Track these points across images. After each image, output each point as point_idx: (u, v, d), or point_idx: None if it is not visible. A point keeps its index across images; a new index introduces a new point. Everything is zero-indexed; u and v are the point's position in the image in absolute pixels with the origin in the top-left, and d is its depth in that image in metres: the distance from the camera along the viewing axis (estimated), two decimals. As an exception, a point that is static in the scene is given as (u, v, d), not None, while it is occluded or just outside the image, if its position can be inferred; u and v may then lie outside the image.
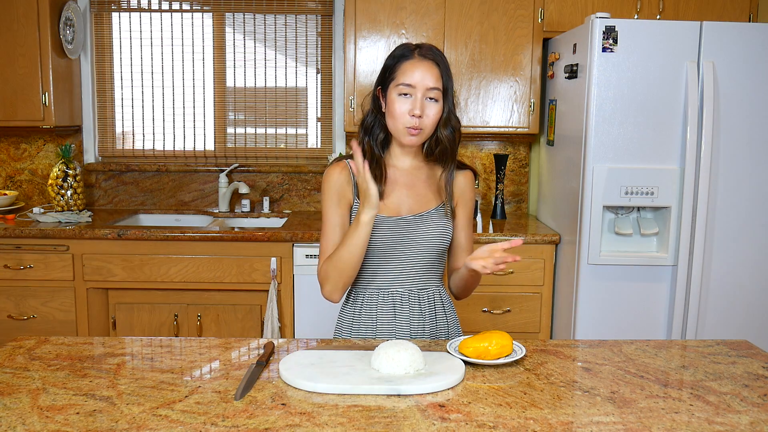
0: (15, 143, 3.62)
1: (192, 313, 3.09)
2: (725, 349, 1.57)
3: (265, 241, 3.00)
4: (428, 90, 1.57)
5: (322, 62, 3.62)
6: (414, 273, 1.68)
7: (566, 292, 2.92)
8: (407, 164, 1.69)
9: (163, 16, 3.58)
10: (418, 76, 1.56)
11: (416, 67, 1.57)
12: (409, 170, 1.69)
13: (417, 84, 1.56)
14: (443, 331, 1.74)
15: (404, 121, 1.57)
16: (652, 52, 2.64)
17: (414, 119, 1.57)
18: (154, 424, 1.14)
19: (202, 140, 3.67)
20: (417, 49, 1.61)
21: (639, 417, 1.20)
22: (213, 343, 1.57)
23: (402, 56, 1.60)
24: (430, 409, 1.22)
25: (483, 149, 3.64)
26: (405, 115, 1.57)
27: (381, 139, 1.67)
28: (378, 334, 1.69)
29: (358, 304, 1.71)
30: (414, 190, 1.68)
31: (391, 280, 1.68)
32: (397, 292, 1.68)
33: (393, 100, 1.58)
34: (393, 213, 1.65)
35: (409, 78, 1.57)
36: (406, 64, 1.58)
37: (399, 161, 1.69)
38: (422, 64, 1.58)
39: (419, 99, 1.57)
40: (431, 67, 1.58)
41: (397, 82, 1.58)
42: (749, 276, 2.78)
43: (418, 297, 1.70)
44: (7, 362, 1.42)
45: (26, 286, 3.04)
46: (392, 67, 1.60)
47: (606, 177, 2.70)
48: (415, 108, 1.56)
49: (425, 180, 1.69)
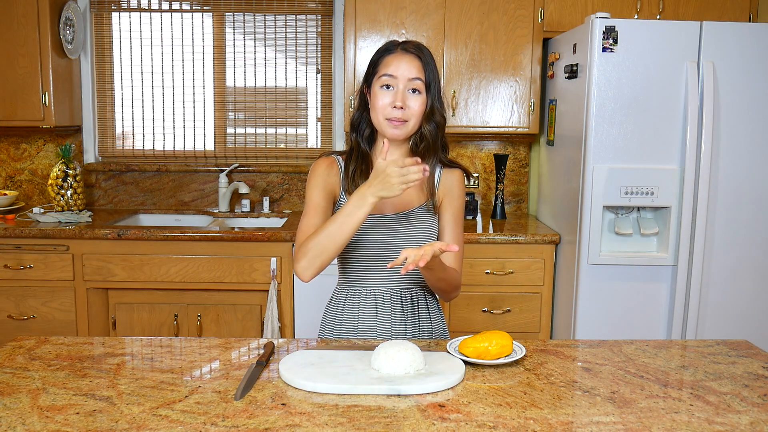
0: (15, 143, 3.62)
1: (192, 313, 3.09)
2: (725, 349, 1.57)
3: (265, 241, 3.00)
4: (409, 81, 1.57)
5: (322, 62, 3.62)
6: (396, 271, 1.67)
7: (566, 292, 2.92)
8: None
9: (163, 16, 3.58)
10: (399, 68, 1.57)
11: (398, 59, 1.58)
12: None
13: (398, 75, 1.57)
14: (426, 333, 1.72)
15: (386, 113, 1.57)
16: (652, 52, 2.64)
17: (396, 111, 1.56)
18: (154, 424, 1.14)
19: (202, 140, 3.67)
20: (401, 44, 1.62)
21: (639, 417, 1.20)
22: (213, 343, 1.57)
23: (385, 50, 1.62)
24: (430, 409, 1.22)
25: (483, 149, 3.64)
26: (387, 107, 1.57)
27: (367, 135, 1.67)
28: (360, 323, 1.67)
29: (340, 303, 1.71)
30: None
31: (374, 278, 1.67)
32: (380, 289, 1.68)
33: (375, 93, 1.59)
34: (377, 210, 1.63)
35: (390, 69, 1.57)
36: (389, 58, 1.59)
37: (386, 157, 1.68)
38: (404, 57, 1.59)
39: (401, 90, 1.57)
40: (412, 59, 1.59)
41: (379, 74, 1.59)
42: (749, 276, 2.78)
43: (400, 295, 1.68)
44: (7, 362, 1.42)
45: (26, 286, 3.04)
46: (376, 62, 1.62)
47: (606, 177, 2.70)
48: (397, 99, 1.56)
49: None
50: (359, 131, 1.68)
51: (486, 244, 3.02)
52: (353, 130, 1.69)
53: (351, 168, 1.66)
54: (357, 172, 1.65)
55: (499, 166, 3.46)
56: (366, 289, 1.68)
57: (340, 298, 1.72)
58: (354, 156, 1.67)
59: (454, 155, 3.62)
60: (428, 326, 1.73)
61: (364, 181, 1.55)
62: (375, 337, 1.67)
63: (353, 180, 1.64)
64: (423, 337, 1.71)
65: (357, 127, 1.68)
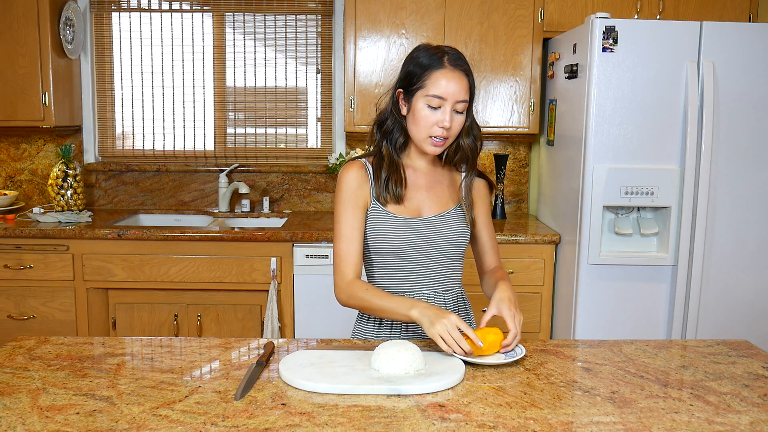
0: (15, 143, 3.62)
1: (192, 313, 3.09)
2: (725, 349, 1.57)
3: (265, 241, 3.00)
4: (457, 102, 1.54)
5: (322, 62, 3.62)
6: (437, 273, 1.67)
7: (566, 292, 2.92)
8: (425, 166, 1.68)
9: (163, 16, 3.58)
10: (450, 88, 1.52)
11: (448, 79, 1.52)
12: (427, 171, 1.68)
13: (448, 96, 1.52)
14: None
15: (431, 131, 1.55)
16: (652, 52, 2.64)
17: (442, 130, 1.54)
18: (154, 424, 1.14)
19: (202, 140, 3.67)
20: (446, 56, 1.54)
21: (639, 417, 1.20)
22: (213, 343, 1.57)
23: (431, 65, 1.54)
24: (430, 409, 1.22)
25: (483, 149, 3.64)
26: (433, 126, 1.54)
27: (401, 144, 1.64)
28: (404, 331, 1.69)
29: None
30: (433, 191, 1.67)
31: (414, 281, 1.66)
32: (421, 292, 1.67)
33: (420, 108, 1.54)
34: (415, 214, 1.64)
35: (440, 90, 1.52)
36: (437, 74, 1.52)
37: (417, 163, 1.68)
38: (453, 75, 1.53)
39: (449, 111, 1.53)
40: (462, 78, 1.54)
41: (427, 92, 1.53)
42: (749, 276, 2.78)
43: (443, 297, 1.69)
44: (7, 362, 1.42)
45: (26, 286, 3.04)
46: (420, 75, 1.54)
47: (606, 177, 2.70)
48: (445, 120, 1.53)
49: (443, 181, 1.69)
50: (391, 139, 1.64)
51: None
52: (384, 137, 1.64)
53: (383, 176, 1.62)
54: (390, 181, 1.62)
55: (499, 166, 3.46)
56: (406, 286, 1.67)
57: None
58: (385, 164, 1.63)
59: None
60: (467, 320, 1.76)
61: (399, 189, 1.60)
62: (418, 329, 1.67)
63: (386, 189, 1.62)
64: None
65: (389, 135, 1.64)
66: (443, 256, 1.67)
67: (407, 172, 1.66)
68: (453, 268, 1.70)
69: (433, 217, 1.65)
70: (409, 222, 1.63)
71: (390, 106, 1.63)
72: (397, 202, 1.62)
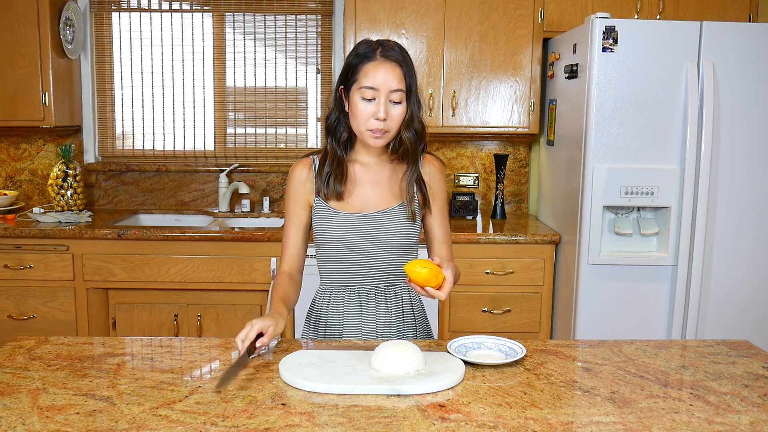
0: (15, 143, 3.62)
1: (192, 313, 3.09)
2: (725, 349, 1.57)
3: (265, 241, 3.00)
4: (391, 92, 1.53)
5: (322, 62, 3.62)
6: (379, 269, 1.67)
7: (566, 292, 2.92)
8: (373, 161, 1.67)
9: (163, 16, 3.58)
10: (380, 78, 1.51)
11: (378, 69, 1.52)
12: (374, 167, 1.67)
13: (380, 86, 1.51)
14: (411, 329, 1.73)
15: (368, 124, 1.54)
16: (652, 52, 2.64)
17: (378, 122, 1.54)
18: (154, 424, 1.14)
19: (202, 140, 3.67)
20: (379, 48, 1.55)
21: (639, 417, 1.20)
22: (213, 343, 1.57)
23: (364, 56, 1.54)
24: (430, 409, 1.22)
25: (483, 149, 3.64)
26: (369, 119, 1.54)
27: (344, 139, 1.65)
28: (345, 330, 1.68)
29: (324, 302, 1.72)
30: (378, 187, 1.66)
31: (357, 277, 1.67)
32: (363, 288, 1.68)
33: (356, 102, 1.54)
34: (357, 210, 1.64)
35: (371, 80, 1.52)
36: (368, 66, 1.53)
37: (364, 158, 1.67)
38: (384, 66, 1.52)
39: (383, 102, 1.52)
40: (394, 67, 1.53)
41: (360, 85, 1.53)
42: (749, 276, 2.78)
43: (385, 293, 1.69)
44: (7, 362, 1.42)
45: (26, 286, 3.04)
46: (354, 68, 1.55)
47: (606, 177, 2.70)
48: (379, 111, 1.52)
49: (390, 177, 1.67)
50: (336, 135, 1.64)
51: (486, 244, 3.02)
52: (329, 134, 1.65)
53: (325, 171, 1.64)
54: (331, 176, 1.63)
55: (499, 166, 3.46)
56: (349, 283, 1.68)
57: (324, 297, 1.72)
58: (329, 160, 1.64)
59: (454, 155, 3.62)
60: (411, 317, 1.73)
61: (338, 186, 1.61)
62: (361, 326, 1.68)
63: (327, 185, 1.63)
64: (407, 329, 1.72)
65: (333, 131, 1.65)
66: (390, 254, 1.65)
67: (354, 168, 1.66)
68: (397, 265, 1.67)
69: (375, 213, 1.64)
70: (350, 217, 1.63)
71: (333, 102, 1.64)
72: (337, 198, 1.64)
